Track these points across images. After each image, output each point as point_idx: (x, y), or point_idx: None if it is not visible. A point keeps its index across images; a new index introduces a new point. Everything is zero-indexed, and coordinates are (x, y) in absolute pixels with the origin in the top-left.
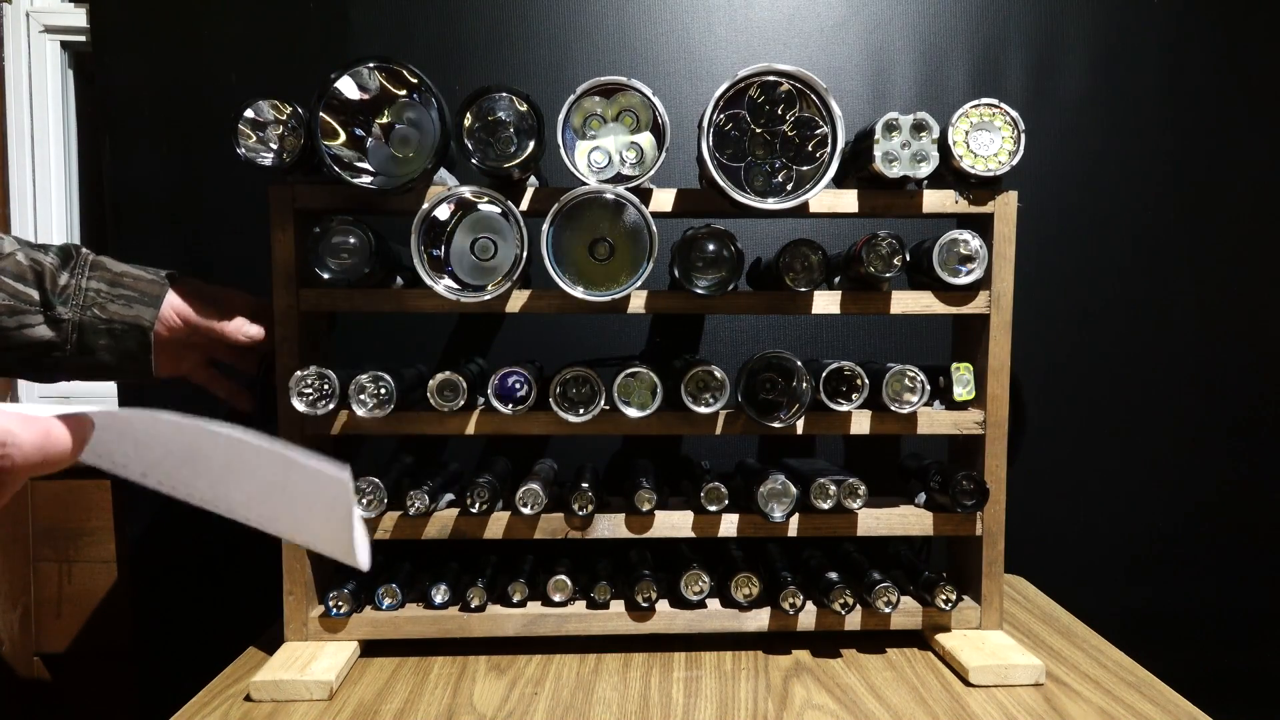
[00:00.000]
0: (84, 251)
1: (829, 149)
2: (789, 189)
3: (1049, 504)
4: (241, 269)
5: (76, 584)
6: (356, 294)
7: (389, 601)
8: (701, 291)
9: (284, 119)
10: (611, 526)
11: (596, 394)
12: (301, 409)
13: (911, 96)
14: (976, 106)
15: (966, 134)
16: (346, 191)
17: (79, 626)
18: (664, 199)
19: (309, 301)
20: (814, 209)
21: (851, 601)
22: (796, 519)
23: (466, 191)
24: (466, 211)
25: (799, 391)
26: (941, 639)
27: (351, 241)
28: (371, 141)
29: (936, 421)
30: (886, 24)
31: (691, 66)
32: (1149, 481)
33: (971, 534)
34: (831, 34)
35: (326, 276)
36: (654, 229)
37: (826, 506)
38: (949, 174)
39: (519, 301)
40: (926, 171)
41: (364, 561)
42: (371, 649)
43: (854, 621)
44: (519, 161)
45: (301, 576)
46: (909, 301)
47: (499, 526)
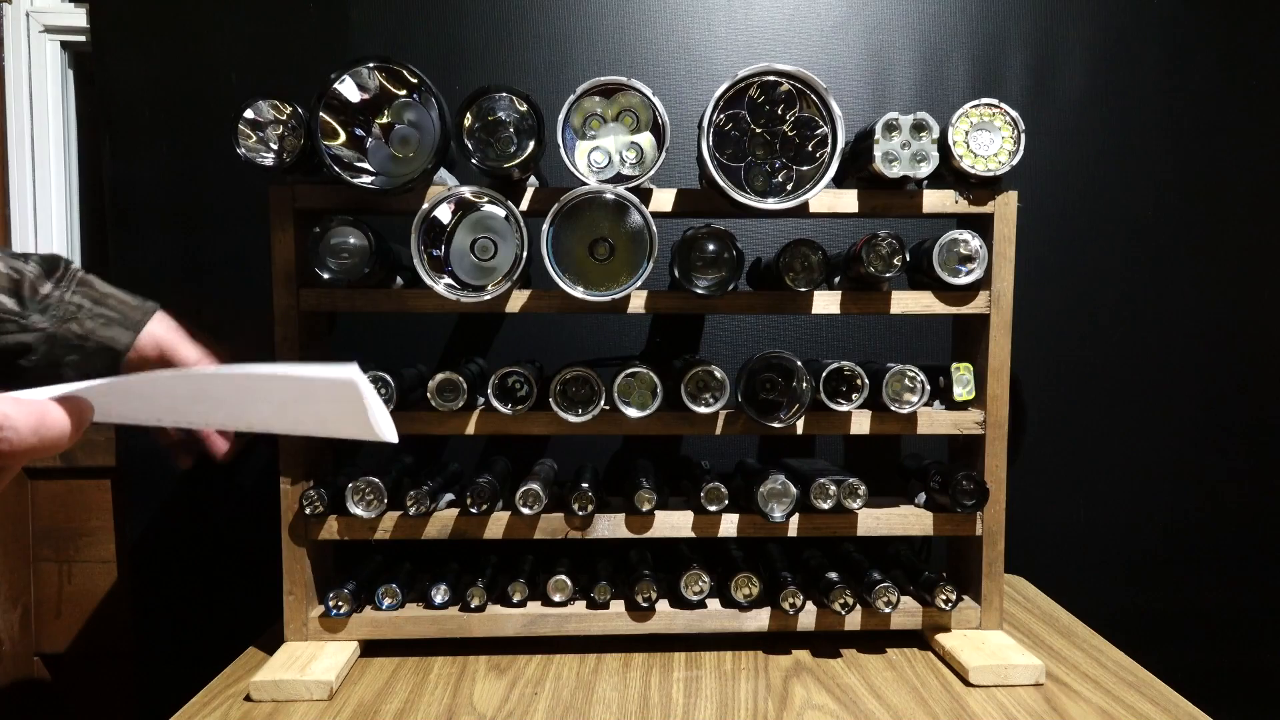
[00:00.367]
0: (74, 266)
1: (829, 149)
2: (789, 189)
3: (1049, 504)
4: (241, 269)
5: (76, 584)
6: (356, 294)
7: (389, 601)
8: (701, 291)
9: (284, 119)
10: (611, 526)
11: (596, 394)
12: None
13: (911, 96)
14: (976, 106)
15: (966, 134)
16: (346, 191)
17: (79, 626)
18: (664, 199)
19: (309, 301)
20: (814, 209)
21: (851, 601)
22: (796, 519)
23: (467, 191)
24: (466, 211)
25: (799, 391)
26: (941, 639)
27: (351, 241)
28: (371, 141)
29: (936, 421)
30: (886, 24)
31: (691, 66)
32: (1149, 481)
33: (971, 534)
34: (831, 34)
35: (326, 276)
36: (654, 229)
37: (826, 506)
38: (949, 174)
39: (519, 301)
40: (926, 171)
41: (391, 436)
42: (371, 649)
43: (854, 621)
44: (519, 161)
45: (301, 576)
46: (909, 301)
47: (499, 526)
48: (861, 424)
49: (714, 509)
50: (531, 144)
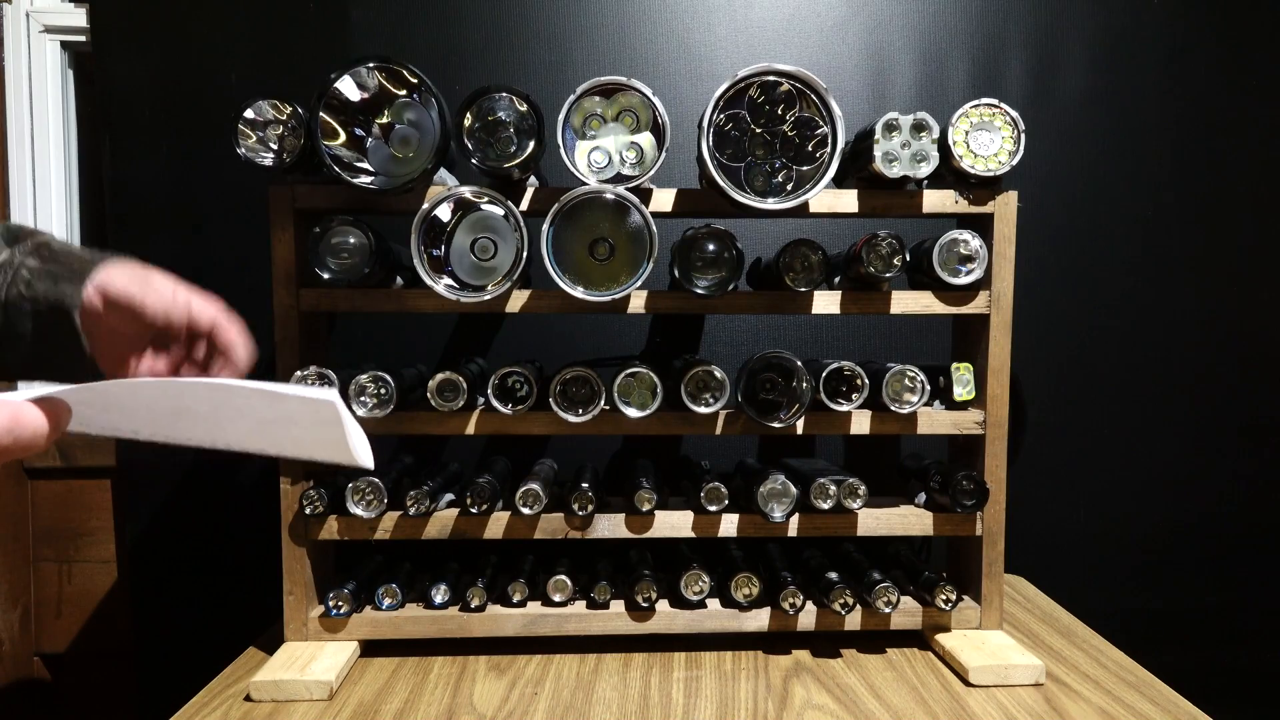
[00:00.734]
0: (40, 234)
1: (829, 149)
2: (789, 189)
3: (1049, 504)
4: (241, 269)
5: (76, 584)
6: (356, 294)
7: (389, 601)
8: (701, 291)
9: (284, 119)
10: (611, 526)
11: (596, 394)
12: None
13: (911, 96)
14: (976, 106)
15: (966, 134)
16: (346, 191)
17: (79, 626)
18: (664, 199)
19: (309, 301)
20: (814, 209)
21: (851, 601)
22: (796, 519)
23: (467, 191)
24: (467, 211)
25: (799, 391)
26: (941, 639)
27: (351, 241)
28: (371, 141)
29: (936, 421)
30: (886, 24)
31: (691, 66)
32: (1149, 481)
33: (971, 534)
34: (831, 34)
35: (326, 276)
36: (654, 229)
37: (826, 506)
38: (949, 174)
39: (519, 301)
40: (926, 171)
41: (367, 461)
42: (371, 649)
43: (854, 621)
44: (519, 161)
45: (301, 576)
46: (909, 301)
47: (499, 526)
48: (861, 424)
49: (714, 509)
50: (531, 144)
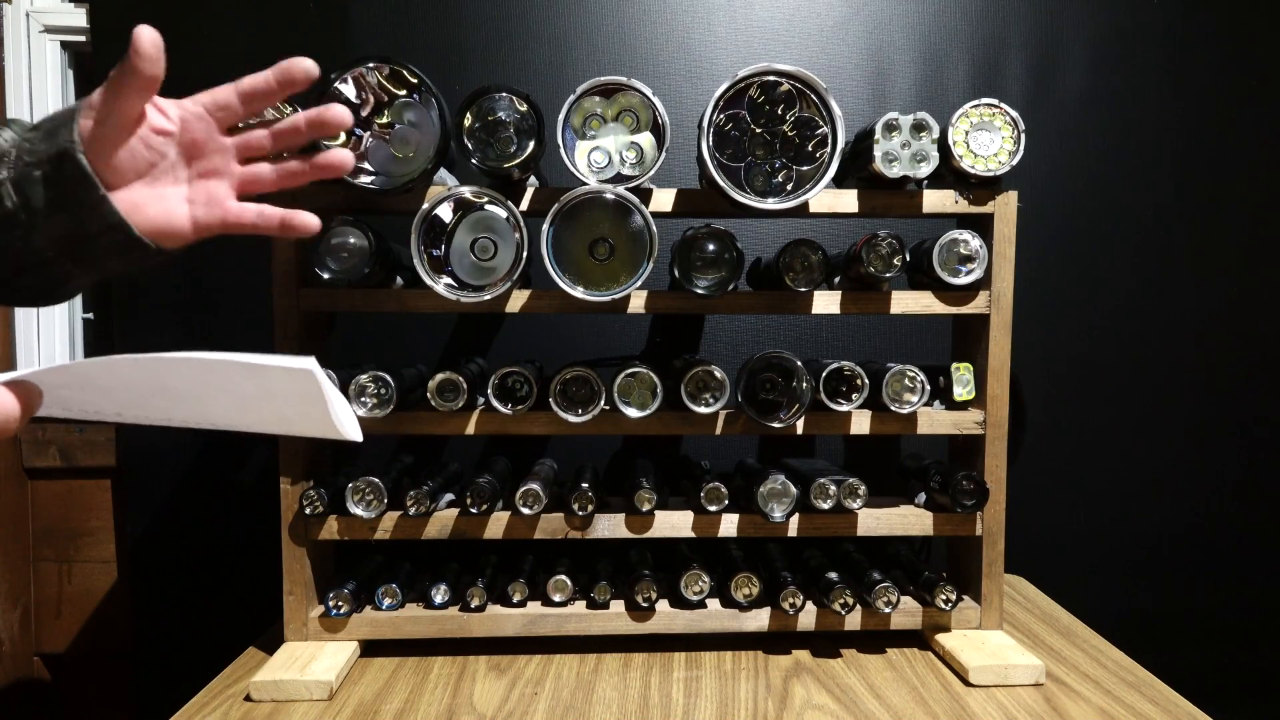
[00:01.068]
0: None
1: (829, 149)
2: (789, 189)
3: (1049, 504)
4: (242, 269)
5: (76, 584)
6: (356, 294)
7: (389, 601)
8: (701, 291)
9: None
10: (611, 526)
11: (596, 394)
12: None
13: (911, 96)
14: (976, 106)
15: (966, 134)
16: (346, 191)
17: (79, 626)
18: (664, 199)
19: (309, 301)
20: (814, 209)
21: (851, 601)
22: (796, 519)
23: (467, 191)
24: (467, 211)
25: (799, 391)
26: (941, 639)
27: (351, 241)
28: (371, 141)
29: (936, 421)
30: (886, 24)
31: (691, 66)
32: (1149, 481)
33: (971, 534)
34: (831, 34)
35: (326, 276)
36: (654, 229)
37: (826, 506)
38: (949, 174)
39: (519, 301)
40: (926, 171)
41: (354, 434)
42: (371, 649)
43: (854, 621)
44: (519, 161)
45: (301, 576)
46: (909, 301)
47: (499, 526)
48: (861, 424)
49: (714, 509)
50: (531, 144)
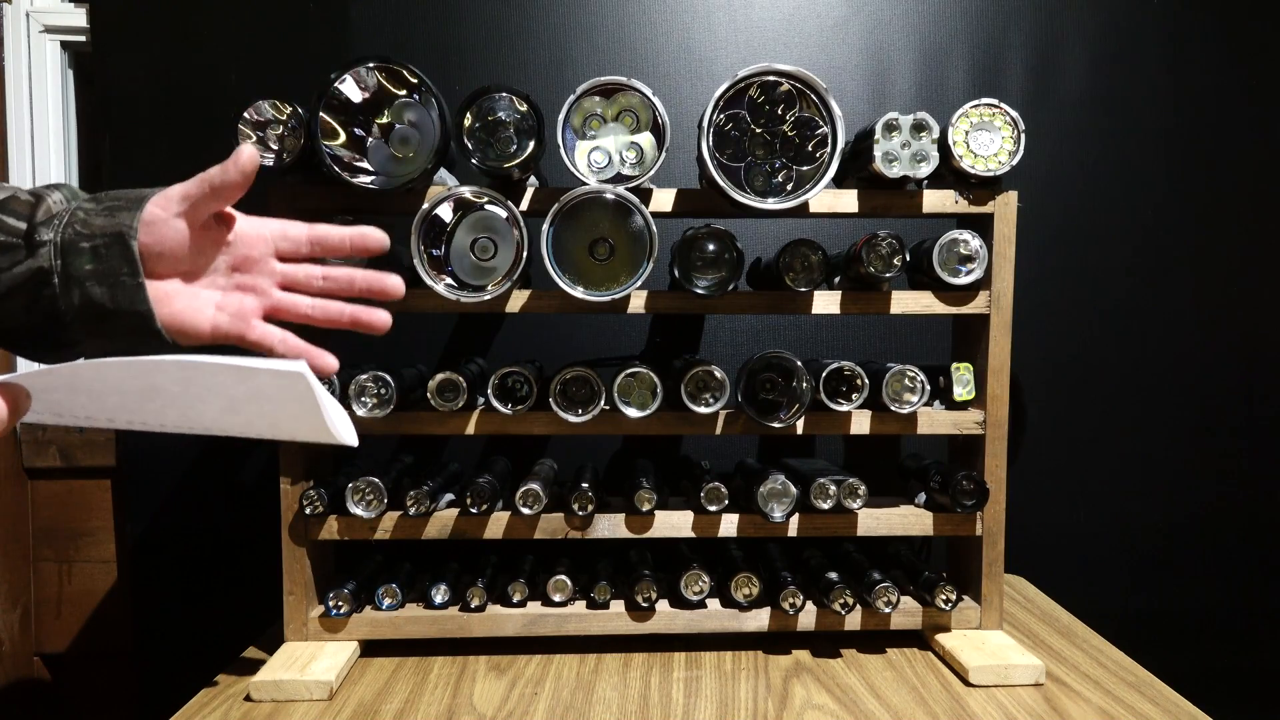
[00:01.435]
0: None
1: (829, 149)
2: (789, 189)
3: (1049, 504)
4: None
5: (76, 584)
6: None
7: (389, 601)
8: (701, 291)
9: (284, 119)
10: (611, 526)
11: (596, 394)
12: None
13: (911, 96)
14: (976, 106)
15: (966, 134)
16: (346, 191)
17: (79, 626)
18: (664, 199)
19: None
20: (814, 209)
21: (851, 601)
22: (796, 519)
23: (467, 191)
24: (467, 211)
25: (799, 391)
26: (941, 639)
27: None
28: (371, 141)
29: (936, 421)
30: (886, 24)
31: (691, 66)
32: (1149, 481)
33: (971, 534)
34: (831, 34)
35: None
36: (654, 229)
37: (826, 506)
38: (949, 174)
39: (519, 301)
40: (926, 171)
41: (350, 439)
42: (371, 649)
43: (854, 621)
44: (519, 161)
45: (301, 576)
46: (909, 301)
47: (499, 526)
48: (861, 424)
49: (714, 509)
50: (531, 144)
